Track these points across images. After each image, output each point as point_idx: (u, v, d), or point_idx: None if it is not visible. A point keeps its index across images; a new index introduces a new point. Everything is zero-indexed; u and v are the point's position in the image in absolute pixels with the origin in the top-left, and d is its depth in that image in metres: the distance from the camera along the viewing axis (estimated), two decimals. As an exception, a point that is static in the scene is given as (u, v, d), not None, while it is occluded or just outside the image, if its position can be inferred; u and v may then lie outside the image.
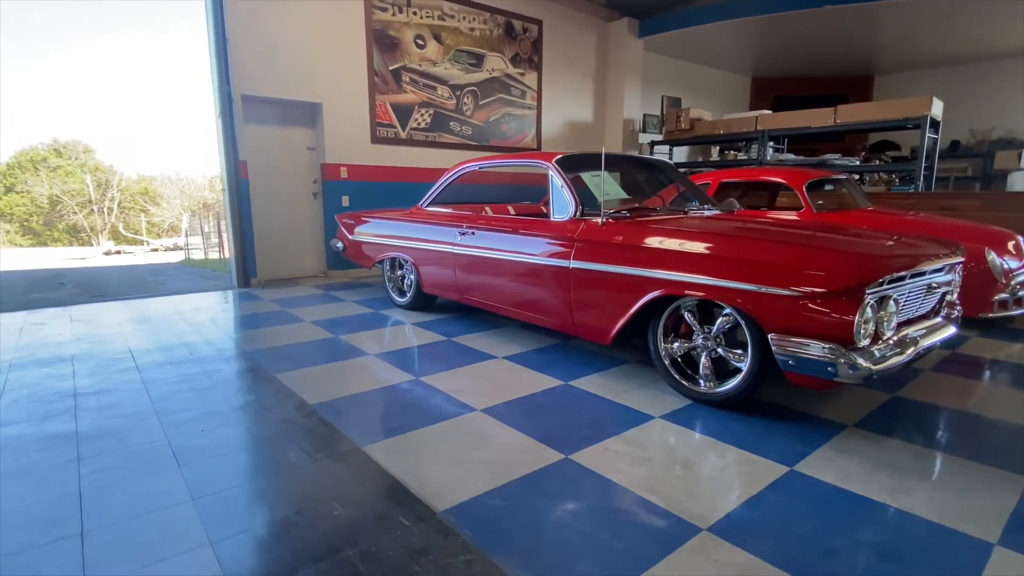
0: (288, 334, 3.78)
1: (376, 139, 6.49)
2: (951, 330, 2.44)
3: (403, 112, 6.67)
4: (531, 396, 2.64)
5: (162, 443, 2.15)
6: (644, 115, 9.59)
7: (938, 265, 2.40)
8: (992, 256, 3.73)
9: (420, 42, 6.68)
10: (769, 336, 2.15)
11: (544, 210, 3.66)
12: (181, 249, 14.35)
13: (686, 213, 3.26)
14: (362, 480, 1.88)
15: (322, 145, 6.20)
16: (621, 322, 2.72)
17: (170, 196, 27.31)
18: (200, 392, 2.70)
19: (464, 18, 7.04)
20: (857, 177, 7.45)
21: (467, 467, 1.95)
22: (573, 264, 2.93)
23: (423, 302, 4.43)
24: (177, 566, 1.43)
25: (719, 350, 2.45)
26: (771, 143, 7.80)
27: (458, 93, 7.12)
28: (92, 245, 26.09)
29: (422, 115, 6.83)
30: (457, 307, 4.59)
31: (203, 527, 1.60)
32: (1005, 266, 3.75)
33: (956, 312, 2.72)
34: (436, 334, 3.78)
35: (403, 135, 6.71)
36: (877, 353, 2.04)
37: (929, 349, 2.32)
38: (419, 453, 2.06)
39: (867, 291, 1.98)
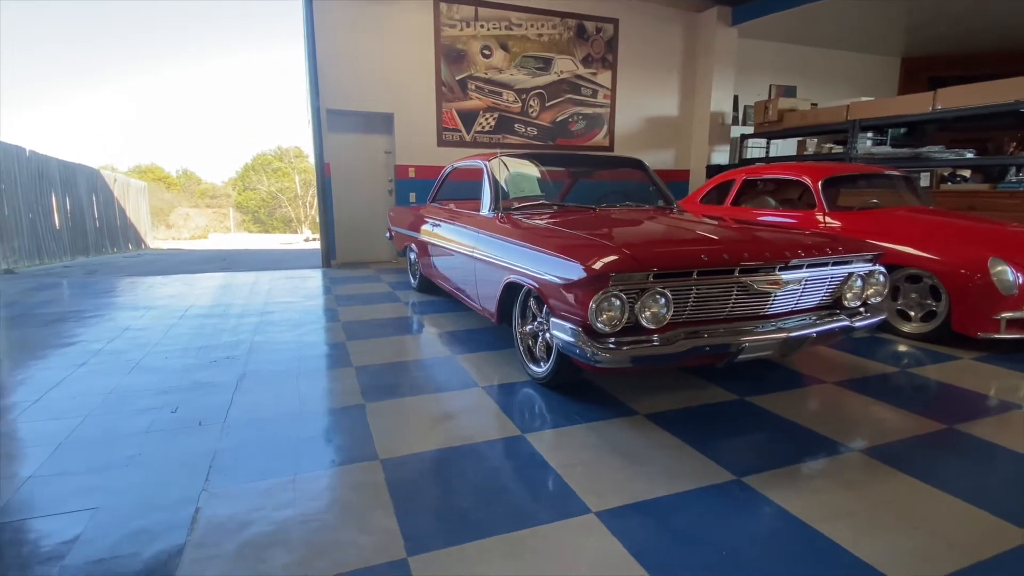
0: (307, 303, 4.71)
1: (442, 142, 7.28)
2: (781, 335, 2.30)
3: (468, 117, 7.35)
4: (412, 361, 3.12)
5: (135, 361, 3.10)
6: (744, 107, 8.99)
7: (777, 264, 2.30)
8: (1001, 267, 3.14)
9: (486, 52, 7.29)
10: (551, 320, 2.35)
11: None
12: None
13: (595, 209, 3.38)
14: (219, 398, 2.57)
15: (394, 149, 7.17)
16: (495, 304, 3.04)
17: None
18: (196, 335, 3.67)
19: (532, 25, 7.46)
20: (948, 172, 6.21)
21: (284, 398, 2.54)
22: (476, 252, 3.31)
23: (426, 285, 5.06)
24: (64, 423, 2.27)
25: (547, 335, 2.66)
26: (870, 134, 6.86)
27: (523, 96, 7.58)
28: (297, 233, 31.60)
29: (486, 119, 7.45)
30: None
31: (95, 403, 2.44)
32: (1020, 280, 3.12)
33: (851, 319, 2.52)
34: (412, 311, 4.38)
35: (467, 138, 7.40)
36: (626, 344, 2.12)
37: (725, 348, 2.23)
38: (271, 387, 2.70)
39: (611, 281, 2.09)
